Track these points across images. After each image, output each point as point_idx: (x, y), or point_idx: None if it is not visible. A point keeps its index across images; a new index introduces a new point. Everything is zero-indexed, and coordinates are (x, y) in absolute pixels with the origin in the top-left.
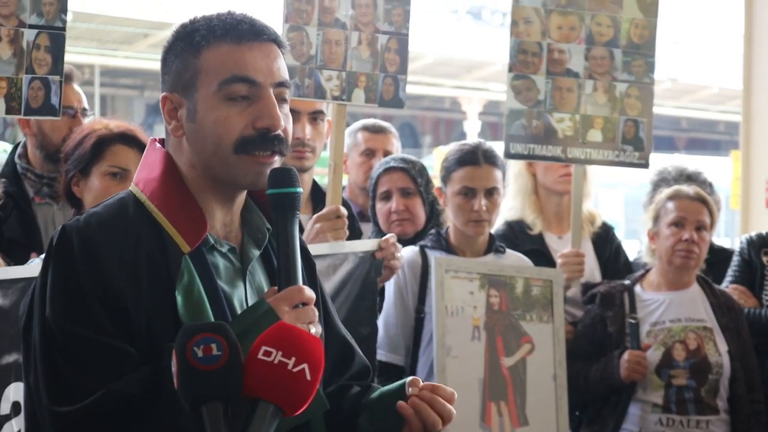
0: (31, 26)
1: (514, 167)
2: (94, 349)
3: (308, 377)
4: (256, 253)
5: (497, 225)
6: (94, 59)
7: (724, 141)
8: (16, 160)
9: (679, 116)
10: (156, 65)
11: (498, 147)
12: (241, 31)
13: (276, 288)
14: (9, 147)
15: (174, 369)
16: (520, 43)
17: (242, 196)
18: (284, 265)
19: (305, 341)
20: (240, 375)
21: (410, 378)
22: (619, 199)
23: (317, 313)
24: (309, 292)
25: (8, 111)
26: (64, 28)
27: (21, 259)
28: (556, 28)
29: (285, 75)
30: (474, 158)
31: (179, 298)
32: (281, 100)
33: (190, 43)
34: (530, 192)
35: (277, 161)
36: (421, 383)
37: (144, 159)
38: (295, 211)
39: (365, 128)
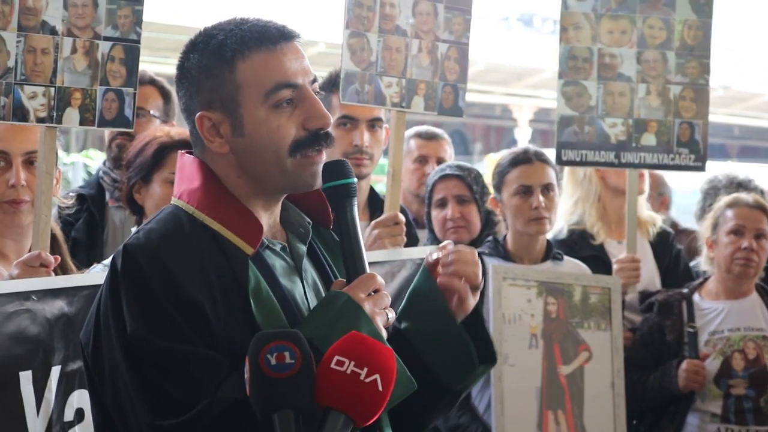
0: (106, 38)
1: (578, 172)
2: (187, 359)
3: (380, 388)
4: (304, 248)
5: (556, 230)
6: (148, 66)
7: None
8: (101, 165)
9: (732, 124)
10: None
11: (549, 154)
12: (272, 36)
13: (342, 280)
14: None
15: (246, 376)
16: (570, 49)
17: (283, 197)
18: (350, 254)
19: (378, 352)
20: (312, 384)
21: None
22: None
23: (390, 298)
24: (380, 279)
25: (83, 122)
26: (138, 41)
27: (84, 260)
28: (607, 32)
29: (311, 70)
30: (527, 157)
31: (252, 302)
32: (317, 94)
33: (222, 57)
34: (594, 198)
35: (325, 156)
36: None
37: (179, 172)
38: (352, 199)
39: (418, 135)
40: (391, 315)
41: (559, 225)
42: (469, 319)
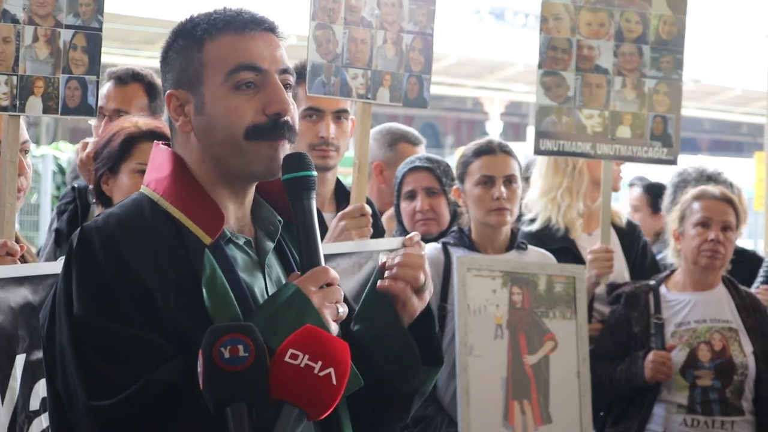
0: (68, 26)
1: (561, 163)
2: (128, 342)
3: (334, 382)
4: (271, 245)
5: (532, 217)
6: (118, 59)
7: (747, 143)
8: None
9: (702, 118)
10: None
11: (520, 148)
12: (242, 21)
13: (298, 273)
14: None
15: (200, 369)
16: (550, 40)
17: (252, 191)
18: (306, 246)
19: (332, 345)
20: (265, 377)
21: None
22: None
23: (342, 293)
24: (333, 273)
25: (46, 110)
26: (100, 29)
27: (63, 251)
28: (585, 24)
29: (288, 62)
30: (490, 148)
31: (204, 291)
32: (286, 86)
33: (192, 38)
34: (583, 190)
35: (287, 148)
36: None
37: (151, 161)
38: (311, 192)
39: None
40: (342, 309)
41: (533, 214)
42: (419, 320)
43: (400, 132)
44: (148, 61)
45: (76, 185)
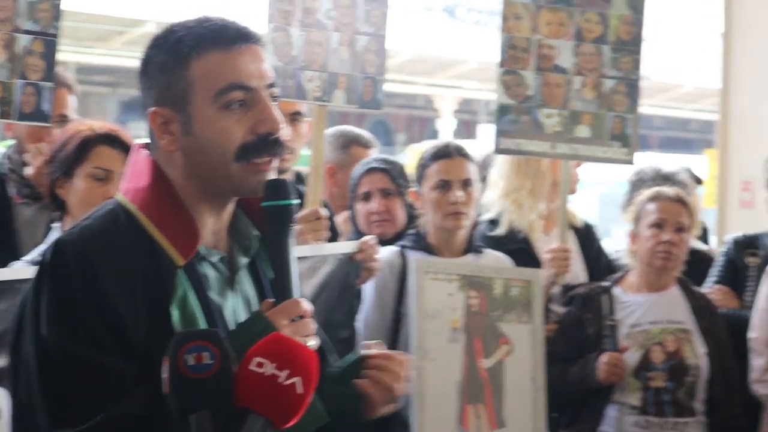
0: (27, 32)
1: (523, 164)
2: (94, 369)
3: (300, 390)
4: (244, 261)
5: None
6: (70, 56)
7: (697, 139)
8: (2, 160)
9: (653, 115)
10: (131, 62)
11: (472, 145)
12: (229, 36)
13: (271, 301)
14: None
15: (165, 375)
16: (510, 39)
17: (233, 205)
18: (280, 278)
19: (299, 354)
20: (231, 385)
21: (363, 346)
22: (594, 197)
23: (315, 326)
24: (306, 305)
25: (2, 116)
26: (56, 35)
27: None
28: (545, 24)
29: (271, 75)
30: (447, 152)
31: (175, 313)
32: (272, 99)
33: (177, 54)
34: (546, 191)
35: (275, 164)
36: (376, 349)
37: (130, 167)
38: (290, 223)
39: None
40: (313, 342)
41: (493, 214)
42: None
43: (352, 135)
44: (100, 58)
45: None
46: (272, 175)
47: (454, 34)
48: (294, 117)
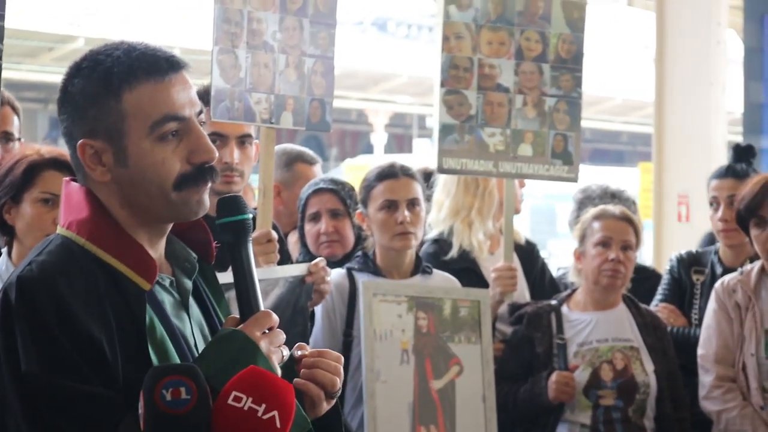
0: None
1: (471, 184)
2: (84, 399)
3: (278, 425)
4: (190, 284)
5: (426, 245)
6: None
7: (628, 152)
8: None
9: (584, 127)
10: (60, 79)
11: (404, 159)
12: (160, 67)
13: (235, 317)
14: None
15: (141, 411)
16: (451, 59)
17: (168, 230)
18: (245, 292)
19: (276, 387)
20: (208, 420)
21: (296, 347)
22: (525, 210)
23: (284, 336)
24: (275, 316)
25: None
26: (0, 57)
27: None
28: (486, 43)
29: (198, 101)
30: (392, 171)
31: (148, 341)
32: (201, 124)
33: (107, 86)
34: (493, 211)
35: (209, 188)
36: (308, 349)
37: (65, 200)
38: (248, 236)
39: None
40: (286, 352)
41: (436, 233)
42: (327, 415)
43: (295, 152)
44: (29, 74)
45: None
46: (207, 197)
47: (385, 48)
48: (243, 139)
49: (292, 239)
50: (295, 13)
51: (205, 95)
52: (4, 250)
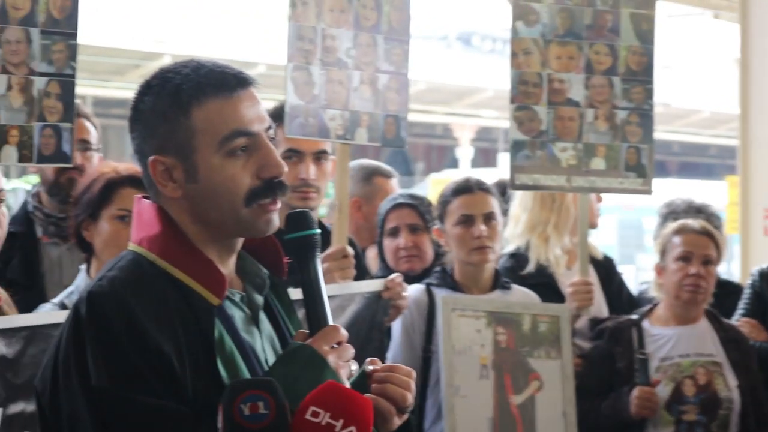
0: (41, 74)
1: (547, 199)
2: (154, 413)
3: None
4: (261, 299)
5: (503, 260)
6: (87, 90)
7: (716, 165)
8: (29, 199)
9: (671, 140)
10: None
11: (490, 174)
12: (228, 83)
13: (305, 332)
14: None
15: (220, 425)
16: (520, 74)
17: (239, 246)
18: (313, 306)
19: (354, 403)
20: None
21: (367, 361)
22: (613, 223)
23: (353, 352)
24: (344, 331)
25: (21, 159)
26: (74, 75)
27: (21, 302)
28: (555, 58)
29: (267, 117)
30: (468, 186)
31: (217, 356)
32: (271, 140)
33: (177, 102)
34: (570, 226)
35: (279, 204)
36: (379, 363)
37: (137, 217)
38: (316, 251)
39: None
40: (354, 367)
41: (513, 248)
42: (400, 430)
43: (372, 167)
44: (116, 91)
45: (13, 230)
46: (278, 214)
47: (470, 62)
48: (319, 155)
49: (372, 254)
50: (369, 29)
51: (280, 112)
52: (83, 267)
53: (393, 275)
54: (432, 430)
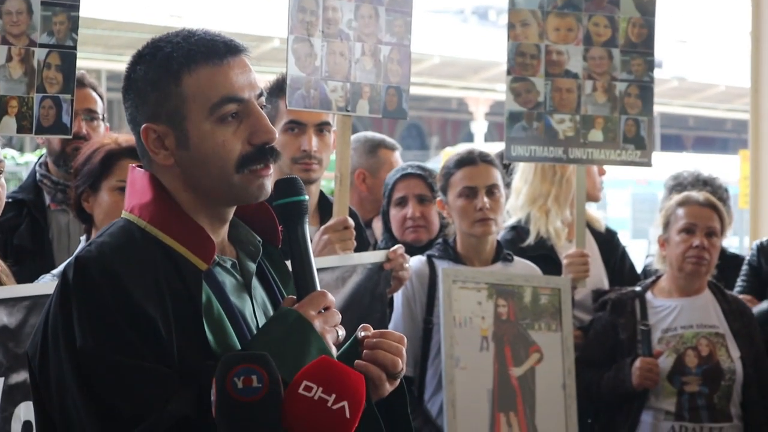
0: (42, 45)
1: (548, 171)
2: (136, 374)
3: (348, 415)
4: (254, 266)
5: (503, 232)
6: (101, 64)
7: (732, 139)
8: (37, 168)
9: (687, 115)
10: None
11: (502, 147)
12: (219, 50)
13: (293, 297)
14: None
15: (213, 398)
16: (518, 46)
17: (231, 213)
18: (301, 272)
19: (347, 378)
20: (279, 409)
21: (360, 328)
22: (627, 198)
23: (340, 317)
24: (330, 296)
25: (20, 130)
26: (75, 47)
27: (30, 268)
28: (553, 29)
29: (259, 85)
30: (471, 158)
31: (204, 320)
32: (263, 108)
33: (167, 70)
34: (570, 199)
35: (272, 170)
36: (371, 330)
37: (130, 186)
38: (303, 217)
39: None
40: (341, 332)
41: (514, 220)
42: (389, 398)
43: (377, 139)
44: None
45: (23, 198)
46: (269, 182)
47: (486, 36)
48: (321, 127)
49: (377, 225)
50: (371, 1)
51: (282, 84)
52: (83, 237)
53: (395, 246)
54: (432, 401)
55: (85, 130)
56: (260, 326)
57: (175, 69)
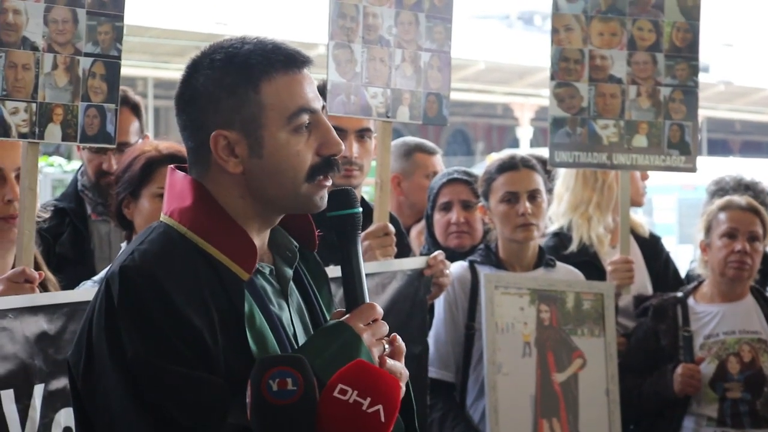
0: (87, 54)
1: (590, 178)
2: (191, 383)
3: (382, 419)
4: (290, 272)
5: (546, 239)
6: (148, 72)
7: None
8: (78, 177)
9: (733, 119)
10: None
11: (546, 154)
12: (296, 61)
13: (342, 310)
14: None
15: (248, 401)
16: (561, 51)
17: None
18: (351, 284)
19: (383, 382)
20: (313, 412)
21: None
22: (673, 203)
23: (387, 329)
24: (379, 309)
25: (65, 138)
26: (119, 57)
27: (71, 276)
28: (597, 34)
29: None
30: (513, 164)
31: (247, 329)
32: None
33: (246, 77)
34: (612, 205)
35: (331, 182)
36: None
37: (170, 189)
38: (357, 230)
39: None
40: (388, 347)
41: (557, 226)
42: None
43: (414, 143)
44: (177, 73)
45: (64, 207)
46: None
47: (531, 41)
48: (362, 133)
49: (415, 232)
50: (411, 7)
51: (322, 90)
52: (124, 244)
53: (435, 252)
54: (474, 407)
55: (116, 165)
56: (297, 333)
57: (255, 76)
